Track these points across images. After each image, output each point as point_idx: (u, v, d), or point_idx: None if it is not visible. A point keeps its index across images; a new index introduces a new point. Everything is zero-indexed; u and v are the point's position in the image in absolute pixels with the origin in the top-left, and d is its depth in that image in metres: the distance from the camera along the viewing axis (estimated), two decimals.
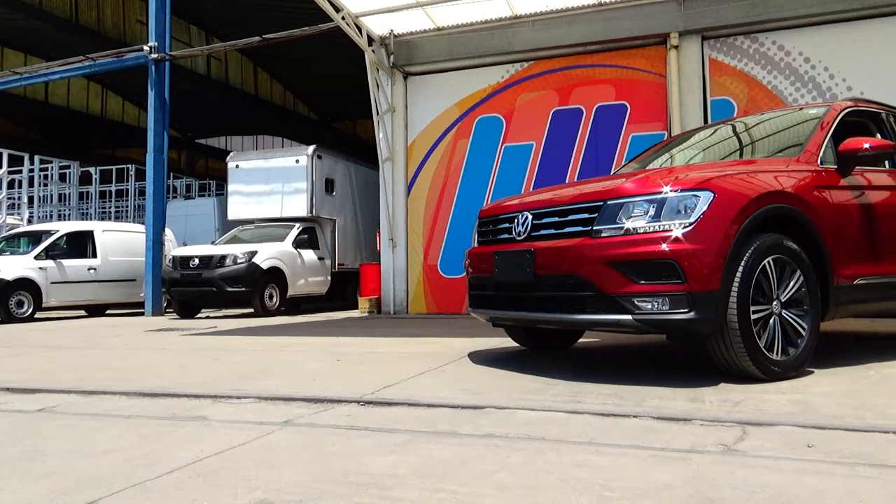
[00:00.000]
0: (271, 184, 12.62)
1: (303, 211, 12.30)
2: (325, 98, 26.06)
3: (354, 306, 11.82)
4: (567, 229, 3.63)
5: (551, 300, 3.64)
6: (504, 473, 1.98)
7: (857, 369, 3.75)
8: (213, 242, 12.78)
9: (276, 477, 2.01)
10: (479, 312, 4.34)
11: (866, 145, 3.89)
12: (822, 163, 3.91)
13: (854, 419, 2.53)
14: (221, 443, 2.41)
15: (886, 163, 4.27)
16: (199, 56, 21.76)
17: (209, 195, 22.08)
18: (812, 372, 3.58)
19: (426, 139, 10.74)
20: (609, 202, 3.46)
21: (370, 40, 10.38)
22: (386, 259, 10.78)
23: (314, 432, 2.56)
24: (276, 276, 11.11)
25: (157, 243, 11.93)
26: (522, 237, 3.85)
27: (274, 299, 11.08)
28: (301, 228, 12.09)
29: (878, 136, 4.38)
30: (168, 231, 12.99)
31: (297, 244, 11.79)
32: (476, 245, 4.48)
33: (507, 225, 4.06)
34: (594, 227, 3.45)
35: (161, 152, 12.05)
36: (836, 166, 3.94)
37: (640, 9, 9.40)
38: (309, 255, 12.06)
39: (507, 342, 5.12)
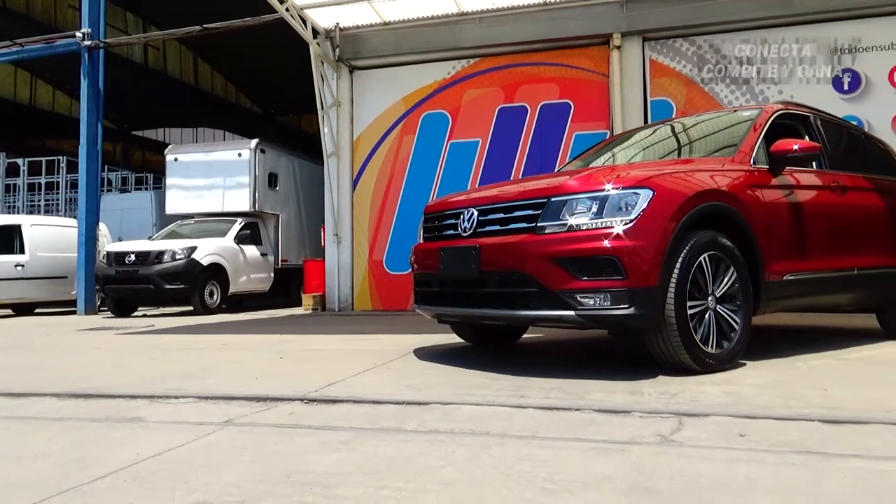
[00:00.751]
0: (212, 177, 12.29)
1: (245, 206, 12.03)
2: (269, 91, 25.54)
3: (298, 303, 11.64)
4: (512, 226, 3.66)
5: (496, 296, 3.67)
6: (449, 469, 1.98)
7: (785, 361, 3.92)
8: (150, 238, 12.36)
9: (217, 478, 1.96)
10: (425, 309, 4.33)
11: (796, 147, 4.06)
12: (754, 163, 4.07)
13: (783, 409, 2.64)
14: (159, 444, 2.34)
15: (814, 164, 4.46)
16: (136, 44, 20.99)
17: (146, 189, 21.33)
18: (744, 364, 3.72)
19: (372, 134, 10.66)
20: (553, 199, 3.51)
21: (315, 33, 10.23)
22: (331, 255, 10.66)
23: (256, 432, 2.51)
24: (216, 272, 10.83)
25: (90, 238, 11.47)
26: (468, 233, 3.86)
27: (215, 297, 10.80)
28: (243, 223, 11.82)
29: (807, 138, 4.58)
30: (102, 225, 12.49)
31: (239, 240, 11.53)
32: (422, 241, 4.48)
33: (452, 221, 4.06)
34: (538, 224, 3.49)
35: (94, 144, 11.59)
36: (767, 166, 4.10)
37: (583, 9, 9.57)
38: (251, 250, 11.81)
39: (453, 338, 5.14)
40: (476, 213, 3.86)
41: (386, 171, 10.55)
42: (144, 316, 10.61)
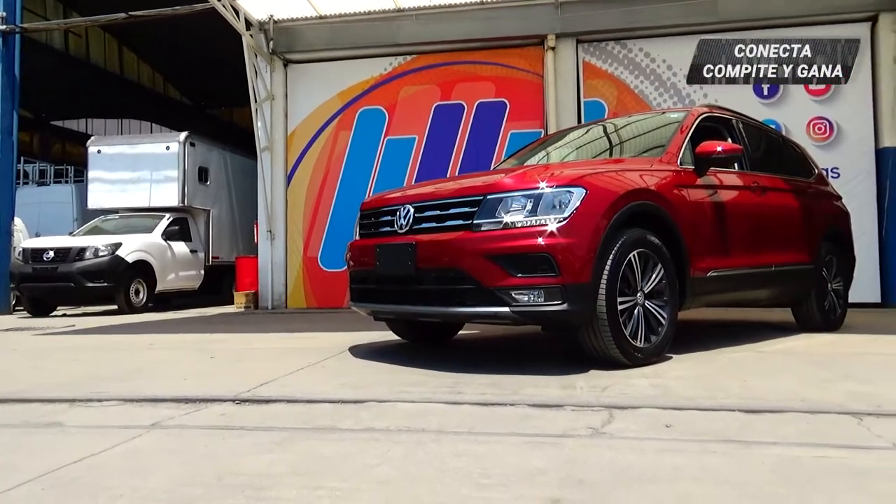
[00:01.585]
0: (138, 171, 11.82)
1: (174, 200, 11.63)
2: (200, 82, 24.70)
3: (230, 302, 11.35)
4: (448, 223, 3.68)
5: (432, 293, 3.68)
6: (385, 467, 1.97)
7: (709, 354, 4.09)
8: (70, 233, 11.78)
9: (143, 483, 1.88)
10: (361, 306, 4.30)
11: (719, 148, 4.24)
12: (681, 163, 4.22)
13: (706, 399, 2.76)
14: (80, 450, 2.23)
15: (736, 165, 4.67)
16: (56, 30, 19.90)
17: (66, 182, 20.31)
18: (671, 357, 3.86)
19: (307, 129, 10.49)
20: (489, 197, 3.54)
21: (248, 24, 9.97)
22: (264, 252, 10.44)
23: (185, 434, 2.43)
24: (142, 270, 10.43)
25: (4, 234, 10.84)
26: (404, 230, 3.85)
27: (140, 295, 10.40)
28: (171, 219, 11.42)
29: (730, 140, 4.79)
30: (18, 220, 11.83)
31: (167, 236, 11.13)
32: (358, 238, 4.44)
33: (389, 218, 4.05)
34: (474, 222, 3.51)
35: (9, 134, 10.96)
36: (693, 167, 4.26)
37: (519, 10, 9.70)
38: (180, 247, 11.42)
39: (389, 336, 5.13)
40: (412, 210, 3.86)
41: (321, 167, 10.40)
42: (64, 315, 10.11)
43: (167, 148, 11.75)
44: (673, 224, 3.88)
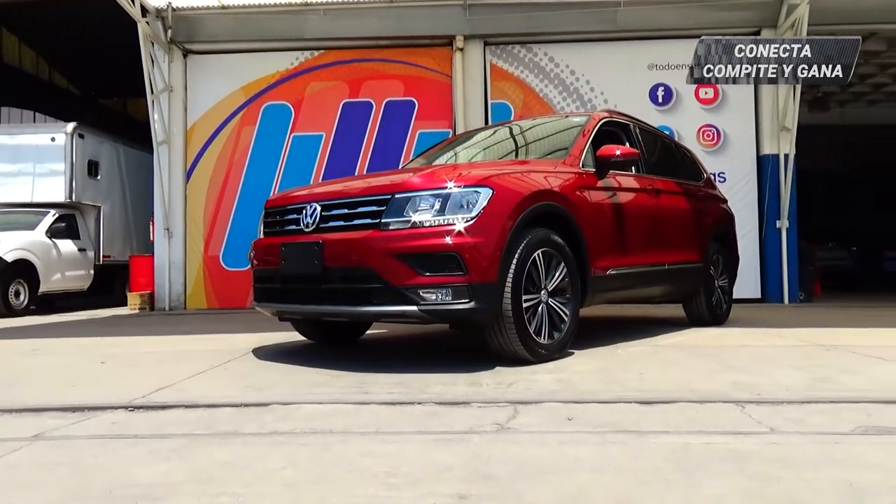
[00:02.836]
0: (18, 163, 10.93)
1: (60, 196, 10.84)
2: (90, 71, 23.16)
3: (123, 303, 10.73)
4: (356, 221, 3.64)
5: (339, 292, 3.63)
6: (290, 470, 1.93)
7: (608, 349, 4.27)
8: None
9: (24, 499, 1.75)
10: (265, 306, 4.19)
11: (617, 152, 4.43)
12: (583, 166, 4.38)
13: (606, 392, 2.88)
14: None
15: (633, 168, 4.90)
16: None
17: None
18: (573, 353, 4.00)
19: (208, 123, 10.09)
20: (397, 196, 3.54)
21: (144, 11, 9.45)
22: (160, 250, 9.96)
23: (72, 445, 2.28)
24: (24, 269, 9.67)
25: None
26: (311, 229, 3.78)
27: (22, 297, 9.63)
28: (57, 216, 10.65)
29: (628, 144, 5.02)
30: None
31: (52, 233, 10.38)
32: (262, 236, 4.32)
33: (295, 216, 3.96)
34: (382, 220, 3.50)
35: None
36: (594, 169, 4.44)
37: (428, 9, 9.74)
38: (67, 245, 10.67)
39: (295, 336, 5.02)
40: (319, 209, 3.79)
41: (224, 163, 10.03)
42: None
43: (52, 139, 10.94)
44: (575, 224, 4.02)
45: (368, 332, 5.32)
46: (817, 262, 11.35)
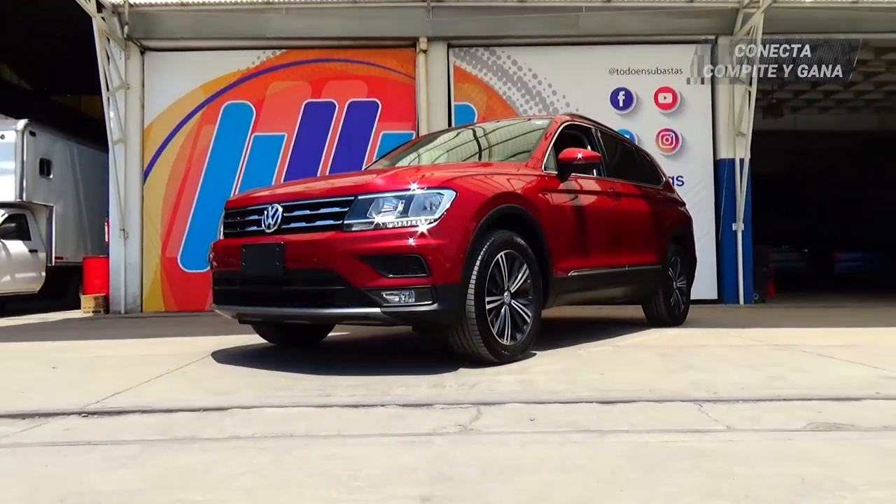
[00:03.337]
0: None
1: (10, 195, 10.47)
2: (43, 66, 22.45)
3: (76, 306, 10.42)
4: (318, 223, 3.61)
5: (301, 294, 3.60)
6: (250, 475, 1.90)
7: (570, 349, 4.32)
8: None
9: None
10: (225, 309, 4.12)
11: (579, 155, 4.49)
12: (545, 168, 4.42)
13: (567, 393, 2.91)
14: None
15: (595, 171, 4.96)
16: None
17: None
18: (535, 354, 4.03)
19: (166, 122, 9.87)
20: (360, 197, 3.52)
21: (100, 6, 9.19)
22: (116, 252, 9.70)
23: (22, 453, 2.20)
24: None
25: None
26: (272, 230, 3.74)
27: None
28: (6, 216, 10.29)
29: (589, 147, 5.08)
30: None
31: (2, 234, 10.02)
32: (222, 237, 4.25)
33: (256, 217, 3.91)
34: (345, 222, 3.48)
35: None
36: (556, 172, 4.48)
37: (392, 10, 9.71)
38: (17, 246, 10.32)
39: (256, 339, 4.94)
40: (281, 210, 3.75)
41: (182, 162, 9.83)
42: None
43: (2, 137, 10.57)
44: (537, 226, 4.05)
45: (331, 334, 5.28)
46: (771, 264, 11.67)
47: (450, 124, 9.62)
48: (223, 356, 4.35)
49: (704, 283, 9.28)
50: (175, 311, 9.54)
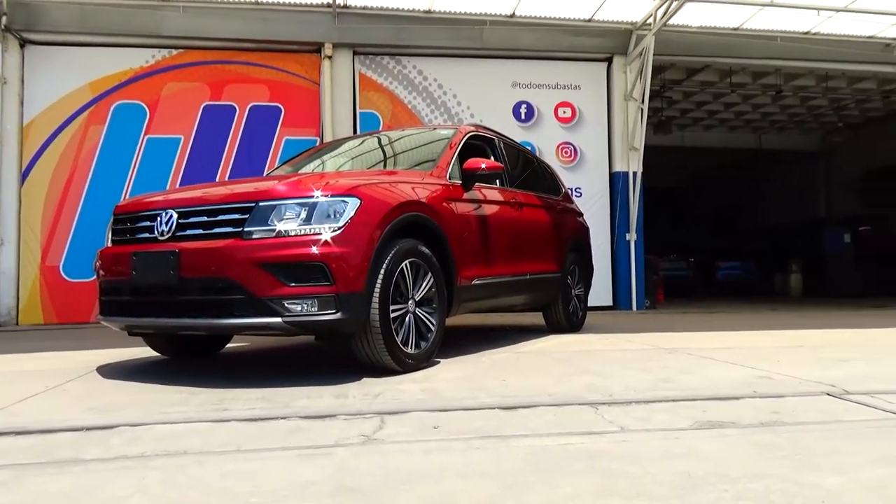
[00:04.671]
0: None
1: None
2: None
3: None
4: (216, 230, 3.48)
5: (197, 304, 3.45)
6: (139, 496, 1.79)
7: (473, 357, 4.38)
8: None
9: None
10: (112, 320, 3.87)
11: (483, 165, 4.57)
12: (450, 178, 4.48)
13: (471, 399, 2.94)
14: None
15: (497, 181, 5.07)
16: None
17: None
18: (439, 362, 4.06)
19: (48, 121, 9.20)
20: (261, 203, 3.42)
21: None
22: None
23: None
24: None
25: None
26: (166, 237, 3.56)
27: None
28: None
29: (493, 158, 5.19)
30: None
31: None
32: (110, 244, 4.00)
33: (148, 223, 3.71)
34: (245, 229, 3.37)
35: None
36: (460, 182, 4.54)
37: (296, 15, 9.55)
38: None
39: (147, 352, 4.68)
40: (176, 216, 3.58)
41: (66, 165, 9.18)
42: None
43: None
44: (442, 235, 4.09)
45: (229, 345, 5.08)
46: (661, 272, 12.37)
47: (355, 132, 9.55)
48: (110, 371, 4.09)
49: (600, 291, 9.68)
50: (56, 324, 8.88)
